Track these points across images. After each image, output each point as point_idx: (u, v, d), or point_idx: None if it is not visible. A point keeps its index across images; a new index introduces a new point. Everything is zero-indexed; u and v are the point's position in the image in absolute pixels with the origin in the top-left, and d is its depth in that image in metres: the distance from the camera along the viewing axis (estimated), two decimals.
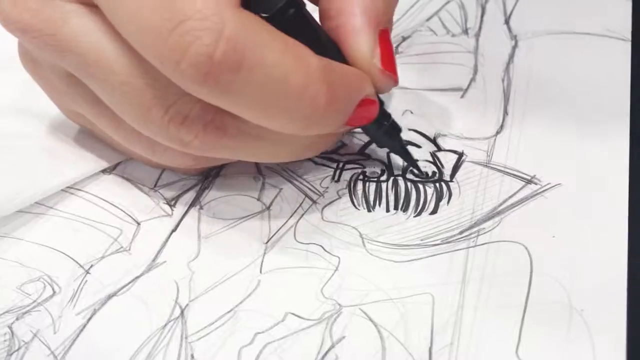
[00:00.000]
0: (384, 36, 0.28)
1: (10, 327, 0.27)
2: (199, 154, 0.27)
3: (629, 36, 0.38)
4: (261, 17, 0.25)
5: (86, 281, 0.28)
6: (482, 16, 0.40)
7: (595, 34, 0.38)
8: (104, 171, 0.32)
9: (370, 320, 0.26)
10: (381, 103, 0.30)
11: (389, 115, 0.30)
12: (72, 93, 0.28)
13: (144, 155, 0.29)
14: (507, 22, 0.40)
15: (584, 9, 0.40)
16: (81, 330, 0.26)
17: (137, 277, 0.28)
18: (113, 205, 0.31)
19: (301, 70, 0.25)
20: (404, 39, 0.39)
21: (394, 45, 0.37)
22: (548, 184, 0.30)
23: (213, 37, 0.23)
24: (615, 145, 0.32)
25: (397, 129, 0.31)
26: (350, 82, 0.27)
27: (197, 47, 0.23)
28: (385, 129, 0.30)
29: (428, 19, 0.40)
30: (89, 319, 0.27)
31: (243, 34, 0.23)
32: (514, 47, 0.38)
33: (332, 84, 0.25)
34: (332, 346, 0.26)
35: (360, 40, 0.28)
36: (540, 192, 0.30)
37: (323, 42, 0.27)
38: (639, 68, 0.36)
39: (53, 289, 0.28)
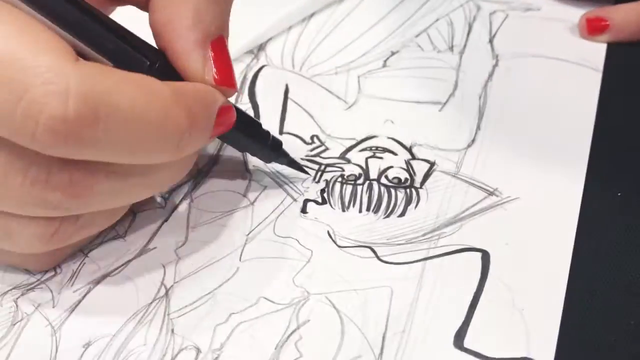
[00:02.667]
0: (217, 47, 0.28)
1: (15, 301, 0.30)
2: (73, 211, 0.26)
3: (601, 67, 0.40)
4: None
5: (84, 263, 0.31)
6: (468, 34, 0.43)
7: (570, 61, 0.41)
8: None
9: (334, 307, 0.29)
10: (259, 125, 0.32)
11: (267, 133, 0.33)
12: None
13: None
14: (491, 41, 0.43)
15: (563, 36, 0.42)
16: (76, 305, 0.30)
17: (129, 261, 0.31)
18: None
19: (156, 103, 0.25)
20: (393, 53, 0.41)
21: (383, 59, 0.41)
22: (508, 197, 0.33)
23: (61, 98, 0.23)
24: (573, 168, 0.34)
25: (278, 143, 0.33)
26: (204, 98, 0.28)
27: (47, 112, 0.23)
28: (269, 147, 0.33)
29: (417, 35, 0.43)
30: (84, 295, 0.30)
31: (90, 85, 0.23)
32: (494, 66, 0.41)
33: (188, 106, 0.26)
34: (298, 328, 0.29)
35: (189, 60, 0.28)
36: (500, 204, 0.33)
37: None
38: (605, 97, 0.39)
39: (55, 270, 0.31)
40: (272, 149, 0.33)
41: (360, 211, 0.33)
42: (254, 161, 0.36)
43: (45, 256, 0.29)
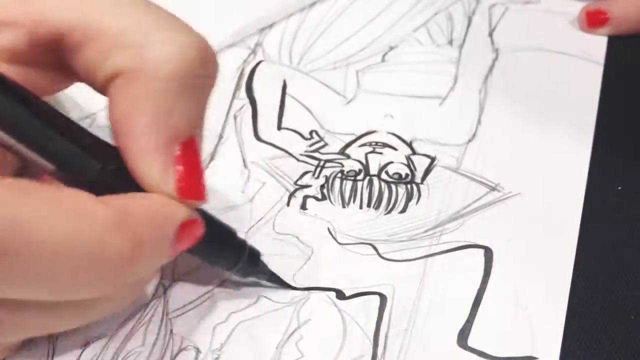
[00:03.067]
0: (185, 150, 0.24)
1: None
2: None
3: (602, 61, 0.40)
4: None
5: None
6: (467, 28, 0.43)
7: (571, 55, 0.40)
8: None
9: (335, 305, 0.29)
10: (234, 234, 0.27)
11: (244, 246, 0.28)
12: None
13: None
14: (490, 34, 0.42)
15: (564, 29, 0.42)
16: None
17: None
18: None
19: (90, 231, 0.21)
20: (391, 48, 0.41)
21: (381, 54, 0.40)
22: (510, 192, 0.33)
23: None
24: (575, 163, 0.34)
25: (256, 255, 0.28)
26: (155, 217, 0.23)
27: None
28: (245, 261, 0.28)
29: (416, 30, 0.42)
30: None
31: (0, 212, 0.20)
32: (495, 60, 0.40)
33: (133, 229, 0.22)
34: (298, 327, 0.28)
35: (145, 165, 0.23)
36: (502, 200, 0.33)
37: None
38: (607, 90, 0.38)
39: None
40: (250, 262, 0.28)
41: (360, 207, 0.33)
42: (252, 157, 0.35)
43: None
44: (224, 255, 0.27)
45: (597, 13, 0.42)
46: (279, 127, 0.37)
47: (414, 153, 0.35)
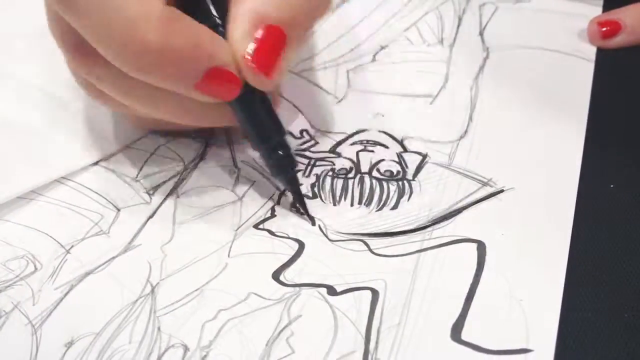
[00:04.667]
0: (267, 33, 0.28)
1: None
2: (87, 77, 0.29)
3: (594, 57, 0.40)
4: None
5: (66, 260, 0.30)
6: (457, 27, 0.42)
7: (563, 52, 0.40)
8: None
9: (326, 301, 0.28)
10: (282, 134, 0.30)
11: (287, 147, 0.30)
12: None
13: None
14: (481, 34, 0.42)
15: (554, 27, 0.42)
16: (58, 303, 0.29)
17: (114, 258, 0.30)
18: (96, 193, 0.33)
19: (138, 7, 0.26)
20: (382, 47, 0.41)
21: (372, 54, 0.40)
22: (503, 187, 0.32)
23: None
24: (568, 157, 0.34)
25: (291, 162, 0.30)
26: (195, 42, 0.27)
27: None
28: (277, 158, 0.30)
29: (406, 29, 0.42)
30: (67, 293, 0.29)
31: None
32: (485, 59, 0.40)
33: (169, 34, 0.26)
34: (289, 323, 0.28)
35: (237, 19, 0.28)
36: (495, 194, 0.32)
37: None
38: (598, 87, 0.38)
39: (35, 266, 0.30)
40: (282, 164, 0.30)
41: (352, 205, 0.32)
42: (242, 156, 0.35)
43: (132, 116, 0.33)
44: (267, 139, 0.30)
45: (609, 23, 0.40)
46: None
47: (405, 151, 0.35)
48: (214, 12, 0.29)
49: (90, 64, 0.28)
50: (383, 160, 0.34)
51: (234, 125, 0.31)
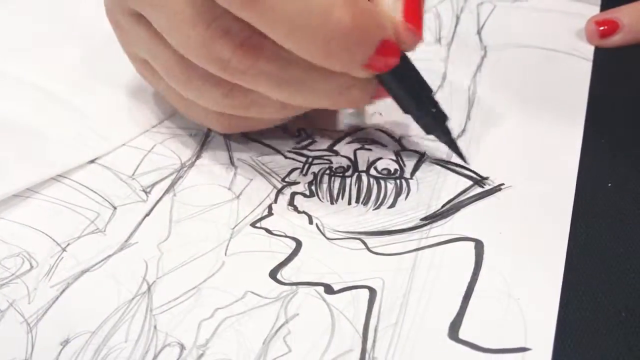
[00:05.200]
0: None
1: None
2: (235, 78, 0.29)
3: (592, 57, 0.40)
4: None
5: (62, 258, 0.30)
6: (455, 26, 0.42)
7: (561, 51, 0.40)
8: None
9: (324, 300, 0.28)
10: (430, 91, 0.32)
11: (435, 103, 0.32)
12: (135, 30, 0.31)
13: (182, 94, 0.32)
14: (479, 32, 0.42)
15: (552, 26, 0.42)
16: (54, 301, 0.28)
17: (110, 256, 0.30)
18: (93, 191, 0.33)
19: None
20: None
21: None
22: (500, 184, 0.32)
23: None
24: (566, 156, 0.34)
25: (444, 116, 0.33)
26: (373, 18, 0.28)
27: None
28: (432, 116, 0.32)
29: None
30: (62, 291, 0.29)
31: None
32: (483, 57, 0.40)
33: (355, 14, 0.27)
34: (286, 322, 0.27)
35: None
36: (492, 193, 0.32)
37: None
38: (596, 86, 0.38)
39: (31, 264, 0.30)
40: (435, 119, 0.32)
41: (349, 203, 0.32)
42: (239, 154, 0.35)
43: (224, 118, 0.32)
44: (413, 102, 0.32)
45: (607, 22, 0.40)
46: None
47: (403, 149, 0.35)
48: None
49: (254, 59, 0.28)
50: (381, 158, 0.34)
51: (369, 103, 0.32)
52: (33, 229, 0.31)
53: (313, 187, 0.33)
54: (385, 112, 0.37)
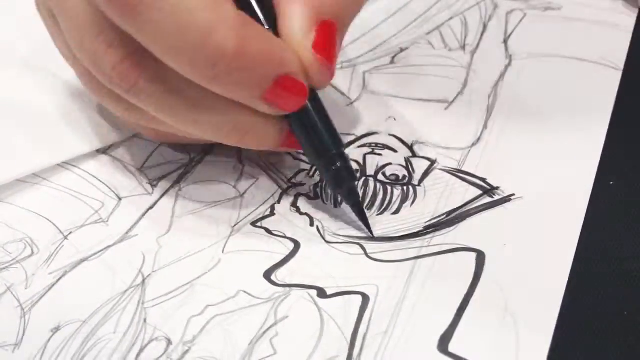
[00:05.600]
0: (324, 27, 0.28)
1: None
2: (121, 94, 0.27)
3: (622, 66, 0.38)
4: None
5: (63, 246, 0.30)
6: (482, 33, 0.41)
7: (589, 61, 0.39)
8: (98, 151, 0.35)
9: (315, 304, 0.28)
10: (340, 143, 0.29)
11: (346, 159, 0.29)
12: (50, 29, 0.30)
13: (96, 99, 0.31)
14: (505, 41, 0.41)
15: (583, 35, 0.41)
16: (50, 288, 0.29)
17: (109, 246, 0.30)
18: (100, 181, 0.33)
19: (212, 12, 0.25)
20: (402, 50, 0.40)
21: (391, 56, 0.40)
22: (510, 195, 0.31)
23: None
24: (582, 169, 0.32)
25: (350, 175, 0.29)
26: (269, 49, 0.26)
27: None
28: (335, 172, 0.29)
29: (429, 33, 0.41)
30: (59, 278, 0.29)
31: None
32: (507, 66, 0.39)
33: (244, 38, 0.25)
34: (275, 324, 0.27)
35: (293, 17, 0.27)
36: (501, 203, 0.31)
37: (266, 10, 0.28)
38: (624, 97, 0.37)
39: (32, 250, 0.30)
40: (341, 176, 0.29)
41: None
42: (248, 153, 0.34)
43: (149, 129, 0.31)
44: (325, 150, 0.29)
45: None
46: None
47: (414, 155, 0.34)
48: (261, 16, 0.28)
49: (135, 77, 0.27)
50: (390, 164, 0.34)
51: (274, 149, 0.30)
52: (39, 216, 0.32)
53: (318, 190, 0.33)
54: (400, 117, 0.36)
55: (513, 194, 0.31)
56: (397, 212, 0.31)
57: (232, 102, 0.27)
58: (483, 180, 0.32)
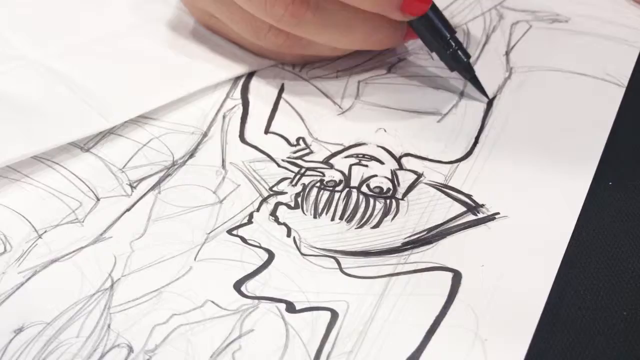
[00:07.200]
0: None
1: None
2: (290, 28, 0.34)
3: (626, 82, 0.37)
4: None
5: (36, 245, 0.30)
6: (484, 45, 0.40)
7: (591, 76, 0.38)
8: (81, 148, 0.34)
9: (282, 318, 0.27)
10: (454, 32, 0.36)
11: (459, 43, 0.36)
12: None
13: (252, 40, 0.37)
14: (507, 53, 0.40)
15: (588, 50, 0.39)
16: (18, 288, 0.28)
17: (82, 248, 0.30)
18: (81, 180, 0.33)
19: None
20: (400, 60, 0.39)
21: (388, 66, 0.39)
22: (495, 214, 0.30)
23: None
24: (572, 191, 0.31)
25: (464, 53, 0.36)
26: None
27: None
28: (452, 52, 0.36)
29: None
30: (28, 278, 0.29)
31: None
32: (507, 79, 0.38)
33: None
34: (239, 337, 0.26)
35: None
36: (485, 222, 0.30)
37: None
38: (625, 114, 0.35)
39: (5, 247, 0.30)
40: (459, 57, 0.36)
41: (332, 219, 0.31)
42: (232, 158, 0.34)
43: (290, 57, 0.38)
44: (445, 40, 0.36)
45: None
46: (267, 131, 0.35)
47: (401, 168, 0.33)
48: None
49: (303, 12, 0.34)
50: (375, 176, 0.33)
51: (399, 44, 0.39)
52: (16, 213, 0.31)
53: (299, 199, 0.32)
54: (391, 128, 0.35)
55: (497, 213, 0.31)
56: (377, 226, 0.30)
57: (373, 16, 0.34)
58: (468, 196, 0.31)
